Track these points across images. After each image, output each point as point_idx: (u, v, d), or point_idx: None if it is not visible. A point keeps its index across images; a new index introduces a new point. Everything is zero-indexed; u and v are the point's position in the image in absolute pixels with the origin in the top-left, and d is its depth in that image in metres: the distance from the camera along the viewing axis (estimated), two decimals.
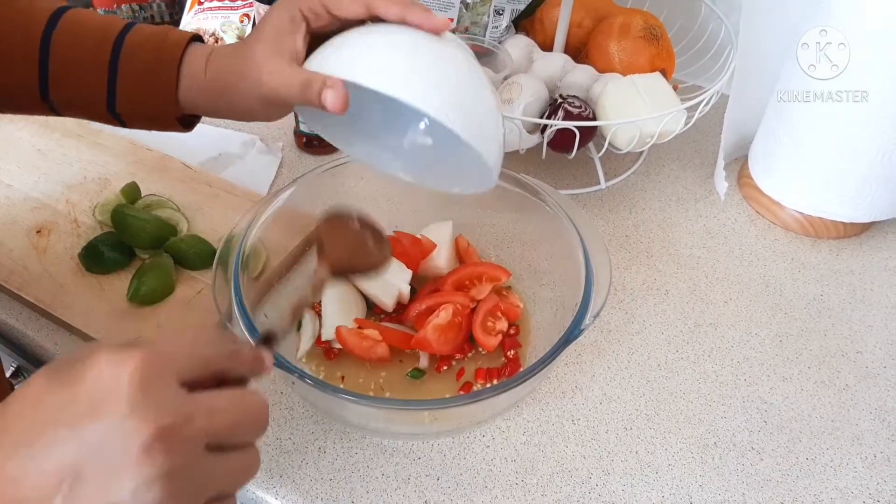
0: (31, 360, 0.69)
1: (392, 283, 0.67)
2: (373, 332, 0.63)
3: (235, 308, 0.56)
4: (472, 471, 0.58)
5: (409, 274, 0.68)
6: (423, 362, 0.64)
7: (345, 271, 0.53)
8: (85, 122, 0.87)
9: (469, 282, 0.70)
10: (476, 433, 0.61)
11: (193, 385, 0.34)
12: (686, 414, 0.63)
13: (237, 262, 0.60)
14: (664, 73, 0.78)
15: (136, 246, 0.70)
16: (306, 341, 0.65)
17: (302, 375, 0.52)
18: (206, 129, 0.90)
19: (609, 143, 0.75)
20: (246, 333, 0.54)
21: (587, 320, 0.56)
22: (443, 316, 0.62)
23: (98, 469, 0.30)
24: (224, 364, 0.37)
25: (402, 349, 0.64)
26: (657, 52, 0.80)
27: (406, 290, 0.67)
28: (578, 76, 0.79)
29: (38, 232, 0.73)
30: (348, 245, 0.54)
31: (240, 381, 0.38)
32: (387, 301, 0.67)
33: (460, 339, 0.64)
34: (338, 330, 0.63)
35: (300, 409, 0.62)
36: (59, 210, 0.76)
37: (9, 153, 0.83)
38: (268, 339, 0.43)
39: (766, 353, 0.68)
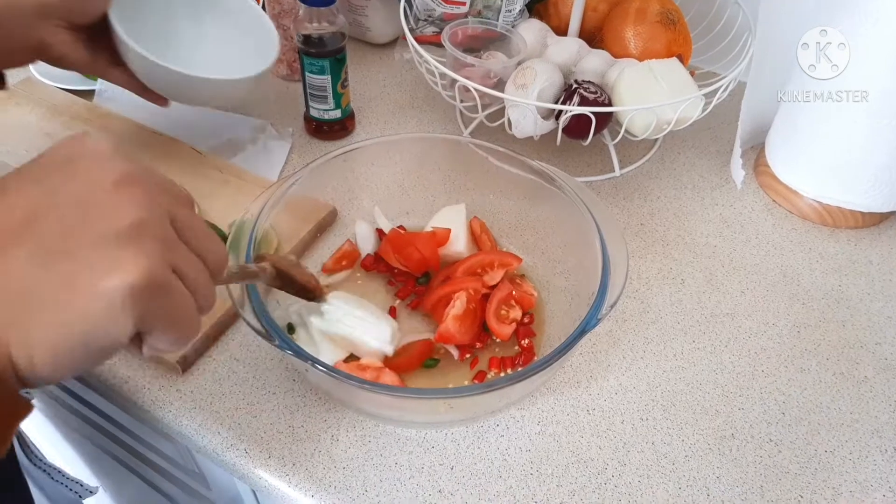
0: None
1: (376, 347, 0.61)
2: (374, 363, 0.60)
3: (247, 295, 0.55)
4: (487, 460, 0.58)
5: (391, 331, 0.61)
6: (454, 354, 0.63)
7: (285, 277, 0.56)
8: (93, 105, 0.87)
9: (481, 269, 0.69)
10: (490, 423, 0.60)
11: None
12: (703, 405, 0.62)
13: (249, 248, 0.59)
14: (681, 59, 0.77)
15: None
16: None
17: (315, 363, 0.51)
18: (216, 114, 0.89)
19: (625, 130, 0.73)
20: (256, 321, 0.54)
21: (604, 310, 0.55)
22: (458, 305, 0.61)
23: (69, 204, 0.29)
24: (186, 218, 0.35)
25: (424, 357, 0.63)
26: (674, 38, 0.79)
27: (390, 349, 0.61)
28: (593, 61, 0.78)
29: None
30: (290, 263, 0.57)
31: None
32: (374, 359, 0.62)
33: (476, 326, 0.63)
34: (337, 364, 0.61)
35: (312, 397, 0.61)
36: None
37: (17, 137, 0.82)
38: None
39: (784, 343, 0.67)
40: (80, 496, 0.63)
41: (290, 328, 0.63)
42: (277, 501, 0.58)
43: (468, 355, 0.63)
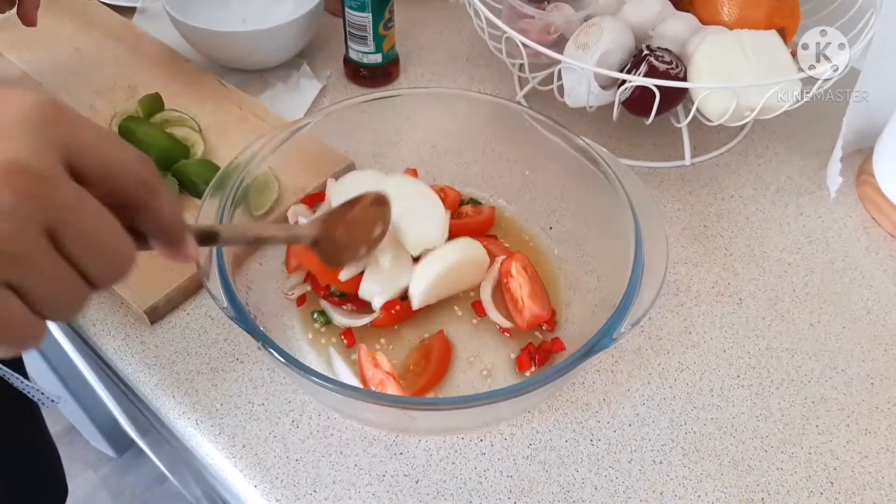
0: None
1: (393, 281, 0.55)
2: (384, 363, 0.52)
3: (216, 263, 0.48)
4: (459, 479, 0.49)
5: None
6: None
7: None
8: (129, 24, 0.82)
9: None
10: (472, 436, 0.51)
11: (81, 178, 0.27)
12: (733, 456, 0.51)
13: (231, 194, 0.52)
14: (782, 34, 0.63)
15: None
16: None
17: (266, 344, 0.44)
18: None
19: (696, 111, 0.61)
20: (221, 290, 0.46)
21: (622, 328, 0.45)
22: (522, 283, 0.56)
23: None
24: (133, 189, 0.29)
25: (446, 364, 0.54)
26: (778, 7, 0.65)
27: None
28: (675, 26, 0.65)
29: None
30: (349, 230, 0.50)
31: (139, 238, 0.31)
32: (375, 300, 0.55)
33: (545, 292, 0.58)
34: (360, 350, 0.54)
35: (280, 374, 0.54)
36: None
37: (47, 48, 0.77)
38: (207, 238, 0.36)
39: (851, 396, 0.54)
40: (42, 403, 0.58)
41: None
42: (222, 484, 0.52)
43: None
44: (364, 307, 0.56)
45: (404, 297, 0.55)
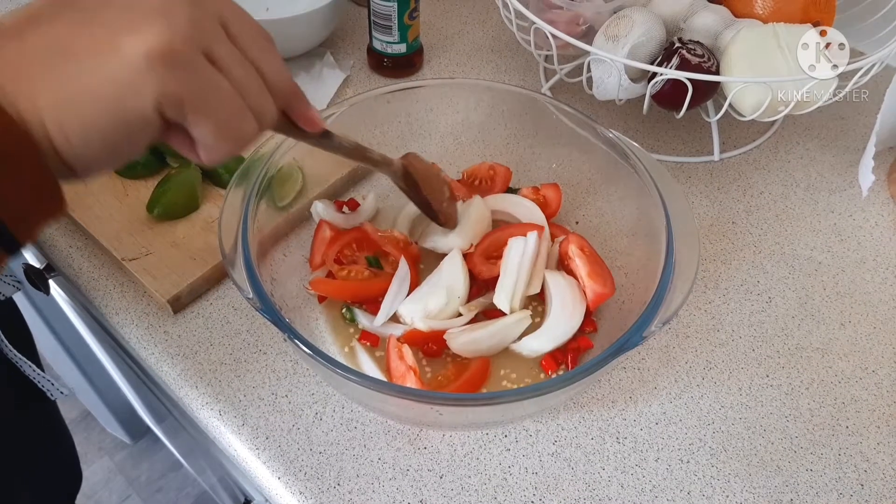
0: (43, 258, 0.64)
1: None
2: (409, 356, 0.50)
3: (241, 251, 0.48)
4: (483, 475, 0.49)
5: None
6: None
7: (411, 183, 0.52)
8: None
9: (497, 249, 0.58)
10: (497, 431, 0.51)
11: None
12: (762, 457, 0.50)
13: (256, 184, 0.52)
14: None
15: (166, 151, 0.63)
16: None
17: (292, 335, 0.43)
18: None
19: (729, 105, 0.60)
20: (247, 280, 0.46)
21: (653, 327, 0.45)
22: (579, 262, 0.56)
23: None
24: (259, 55, 0.34)
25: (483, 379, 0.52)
26: (813, 0, 0.64)
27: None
28: (707, 19, 0.64)
29: None
30: (429, 175, 0.54)
31: None
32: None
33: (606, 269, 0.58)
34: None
35: (304, 365, 0.54)
36: None
37: None
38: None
39: (883, 397, 0.54)
40: (49, 394, 0.58)
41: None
42: (244, 475, 0.52)
43: None
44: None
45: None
